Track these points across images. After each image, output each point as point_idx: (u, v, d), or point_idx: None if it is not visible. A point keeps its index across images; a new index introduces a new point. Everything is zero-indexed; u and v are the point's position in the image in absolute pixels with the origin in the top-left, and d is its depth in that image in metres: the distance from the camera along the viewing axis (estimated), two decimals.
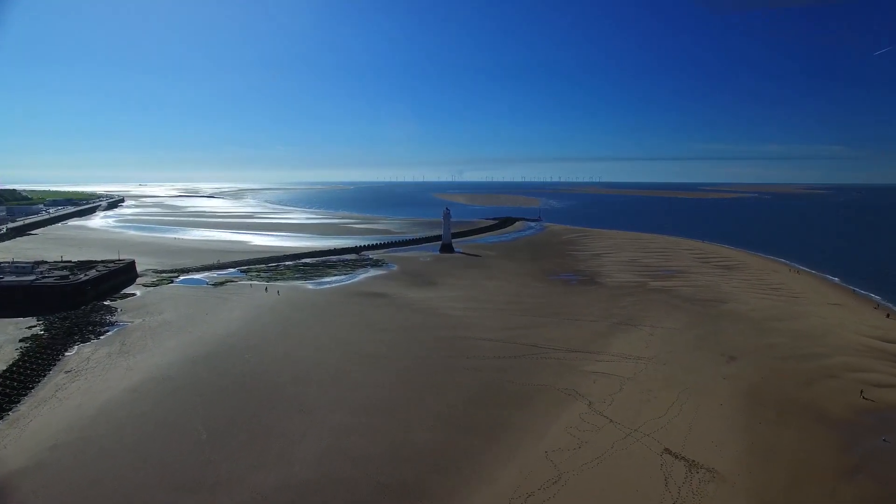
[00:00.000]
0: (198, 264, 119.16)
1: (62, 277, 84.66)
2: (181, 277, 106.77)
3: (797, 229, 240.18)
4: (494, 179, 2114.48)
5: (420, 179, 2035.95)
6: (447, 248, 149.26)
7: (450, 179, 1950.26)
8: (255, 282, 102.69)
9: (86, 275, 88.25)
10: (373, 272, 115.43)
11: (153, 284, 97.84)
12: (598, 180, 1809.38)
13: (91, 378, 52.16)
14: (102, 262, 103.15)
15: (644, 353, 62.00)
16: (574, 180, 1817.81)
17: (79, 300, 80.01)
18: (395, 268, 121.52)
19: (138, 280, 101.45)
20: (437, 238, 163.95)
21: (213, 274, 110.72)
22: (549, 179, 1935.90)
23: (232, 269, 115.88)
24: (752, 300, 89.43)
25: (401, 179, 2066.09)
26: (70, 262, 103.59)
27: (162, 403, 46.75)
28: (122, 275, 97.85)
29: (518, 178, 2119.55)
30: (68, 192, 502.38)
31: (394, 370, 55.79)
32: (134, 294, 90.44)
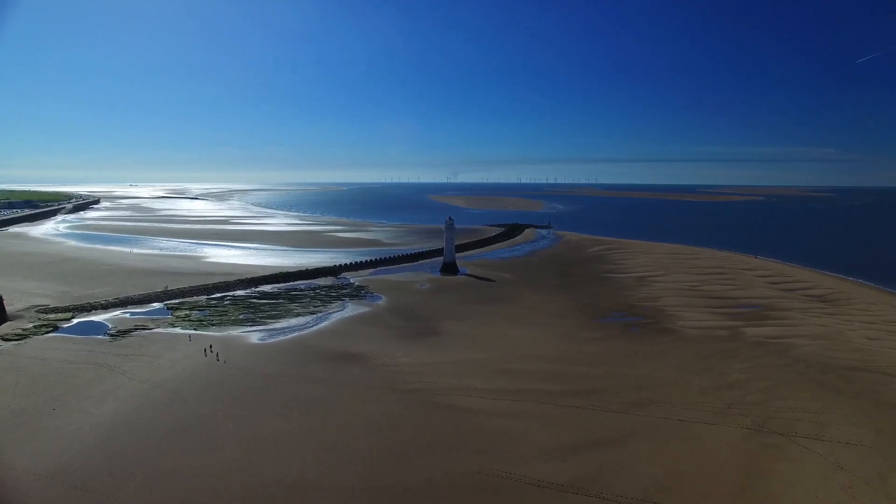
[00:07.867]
0: (113, 297, 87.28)
1: None
2: (76, 320, 75.05)
3: (848, 239, 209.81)
4: (490, 181, 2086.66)
5: (415, 181, 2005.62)
6: (450, 269, 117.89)
7: (445, 181, 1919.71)
8: (178, 328, 71.30)
9: None
10: (350, 309, 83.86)
11: (18, 336, 65.80)
12: (595, 182, 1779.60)
13: None
14: None
15: None
16: (571, 182, 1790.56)
17: None
18: (382, 300, 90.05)
19: (4, 325, 69.66)
20: (437, 253, 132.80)
21: (126, 313, 78.95)
22: (545, 181, 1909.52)
23: (156, 304, 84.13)
24: None
25: (396, 181, 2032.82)
26: None
27: None
28: None
29: (514, 180, 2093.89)
30: (43, 192, 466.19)
31: None
32: None
